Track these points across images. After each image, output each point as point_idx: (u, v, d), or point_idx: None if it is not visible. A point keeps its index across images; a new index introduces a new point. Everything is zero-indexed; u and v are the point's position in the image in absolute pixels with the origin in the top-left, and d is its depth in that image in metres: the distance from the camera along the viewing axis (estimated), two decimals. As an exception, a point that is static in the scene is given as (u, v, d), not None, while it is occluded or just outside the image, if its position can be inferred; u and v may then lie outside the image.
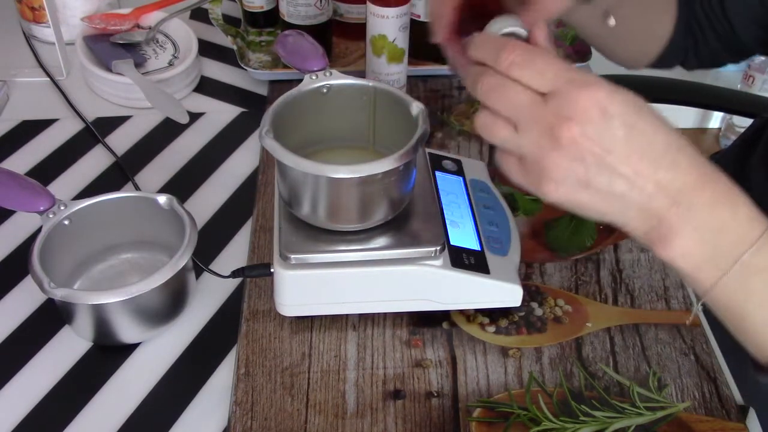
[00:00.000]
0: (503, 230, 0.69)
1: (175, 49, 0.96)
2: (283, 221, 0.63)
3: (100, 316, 0.61)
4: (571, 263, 0.72)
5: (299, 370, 0.63)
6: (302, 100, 0.65)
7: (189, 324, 0.66)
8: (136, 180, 0.80)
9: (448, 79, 0.95)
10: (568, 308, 0.68)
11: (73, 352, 0.64)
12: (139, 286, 0.59)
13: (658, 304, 0.69)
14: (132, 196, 0.67)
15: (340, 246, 0.61)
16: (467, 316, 0.67)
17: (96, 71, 0.89)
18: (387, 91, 0.65)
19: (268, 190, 0.79)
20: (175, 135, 0.86)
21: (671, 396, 0.62)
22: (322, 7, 0.91)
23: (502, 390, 0.62)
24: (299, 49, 0.70)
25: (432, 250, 0.62)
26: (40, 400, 0.61)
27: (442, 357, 0.64)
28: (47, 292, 0.58)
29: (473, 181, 0.74)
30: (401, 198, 0.63)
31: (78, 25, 0.95)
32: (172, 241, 0.64)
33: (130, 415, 0.60)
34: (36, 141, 0.85)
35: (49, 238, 0.62)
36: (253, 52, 0.98)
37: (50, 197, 0.63)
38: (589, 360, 0.64)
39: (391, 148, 0.59)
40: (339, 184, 0.59)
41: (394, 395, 0.61)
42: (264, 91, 0.93)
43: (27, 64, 0.96)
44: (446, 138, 0.87)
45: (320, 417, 0.59)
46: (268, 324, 0.66)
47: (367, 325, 0.66)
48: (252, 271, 0.66)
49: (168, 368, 0.63)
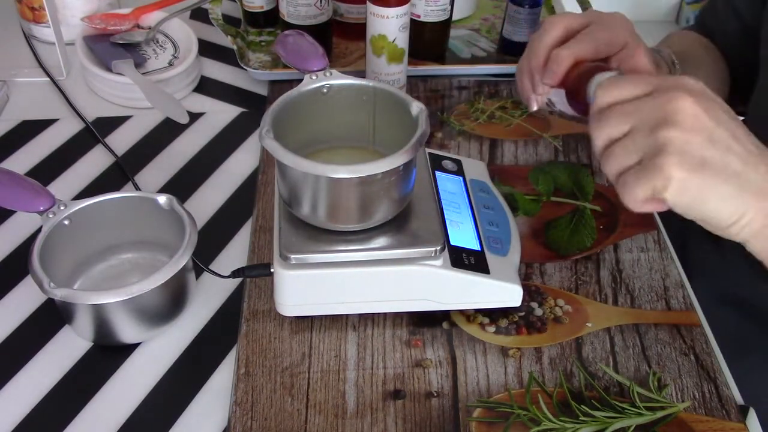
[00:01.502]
0: (503, 230, 0.69)
1: (175, 49, 0.96)
2: (283, 221, 0.63)
3: (100, 316, 0.61)
4: (571, 263, 0.72)
5: (299, 370, 0.63)
6: (302, 100, 0.65)
7: (189, 324, 0.66)
8: (136, 180, 0.80)
9: (448, 79, 0.95)
10: (568, 308, 0.68)
11: (73, 352, 0.64)
12: (139, 286, 0.59)
13: (658, 304, 0.69)
14: (132, 196, 0.67)
15: (340, 246, 0.61)
16: (467, 316, 0.67)
17: (96, 71, 0.89)
18: (387, 91, 0.65)
19: (268, 190, 0.79)
20: (175, 135, 0.86)
21: (671, 396, 0.62)
22: (322, 7, 0.92)
23: (502, 390, 0.62)
24: (299, 49, 0.70)
25: (432, 250, 0.62)
26: (40, 400, 0.61)
27: (442, 357, 0.64)
28: (47, 292, 0.58)
29: (473, 181, 0.74)
30: (401, 198, 0.63)
31: (78, 25, 0.95)
32: (172, 241, 0.64)
33: (130, 415, 0.60)
34: (36, 141, 0.85)
35: (49, 238, 0.62)
36: (253, 52, 0.98)
37: (50, 197, 0.63)
38: (589, 360, 0.64)
39: (391, 148, 0.59)
40: (339, 184, 0.59)
41: (394, 395, 0.61)
42: (264, 91, 0.93)
43: (27, 64, 0.96)
44: (446, 138, 0.87)
45: (320, 417, 0.59)
46: (268, 324, 0.66)
47: (367, 325, 0.66)
48: (252, 271, 0.66)
49: (168, 368, 0.63)
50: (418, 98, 0.64)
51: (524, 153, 0.85)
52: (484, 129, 0.88)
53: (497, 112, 0.91)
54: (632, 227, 0.76)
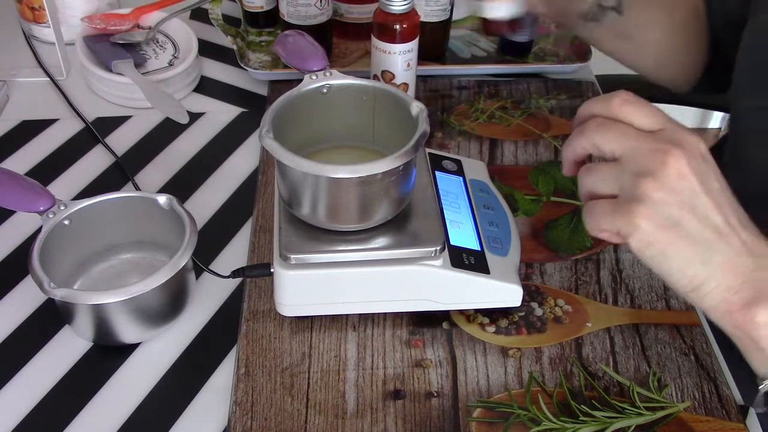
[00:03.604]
0: (503, 230, 0.69)
1: (175, 49, 0.96)
2: (283, 221, 0.63)
3: (100, 316, 0.61)
4: (571, 263, 0.72)
5: (299, 370, 0.63)
6: (302, 100, 0.65)
7: (189, 324, 0.66)
8: (136, 180, 0.80)
9: (448, 79, 0.95)
10: (568, 308, 0.68)
11: (73, 352, 0.64)
12: (139, 286, 0.59)
13: (658, 304, 0.69)
14: (132, 196, 0.67)
15: (340, 246, 0.61)
16: (467, 316, 0.67)
17: (96, 71, 0.89)
18: (387, 91, 0.65)
19: (268, 190, 0.79)
20: (175, 135, 0.86)
21: (671, 396, 0.62)
22: (322, 7, 0.91)
23: (502, 390, 0.62)
24: (299, 49, 0.70)
25: (432, 250, 0.62)
26: (40, 400, 0.61)
27: (442, 357, 0.64)
28: (47, 292, 0.58)
29: (473, 181, 0.74)
30: (401, 198, 0.62)
31: (78, 25, 0.95)
32: (172, 241, 0.64)
33: (130, 415, 0.60)
34: (36, 141, 0.85)
35: (49, 238, 0.62)
36: (253, 52, 0.98)
37: (50, 197, 0.63)
38: (589, 360, 0.64)
39: (391, 148, 0.59)
40: (339, 184, 0.59)
41: (394, 395, 0.61)
42: (264, 91, 0.93)
43: (27, 64, 0.96)
44: (446, 138, 0.87)
45: (320, 417, 0.59)
46: (268, 324, 0.66)
47: (367, 325, 0.66)
48: (252, 271, 0.66)
49: (168, 368, 0.63)
50: (418, 98, 0.64)
51: (524, 153, 0.85)
52: (484, 129, 0.88)
53: (497, 112, 0.91)
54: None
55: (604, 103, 0.49)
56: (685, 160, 0.46)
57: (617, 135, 0.48)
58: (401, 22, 0.78)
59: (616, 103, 0.49)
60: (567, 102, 0.92)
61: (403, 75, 0.82)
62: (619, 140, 0.48)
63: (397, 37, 0.79)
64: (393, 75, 0.81)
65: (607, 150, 0.48)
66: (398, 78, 0.82)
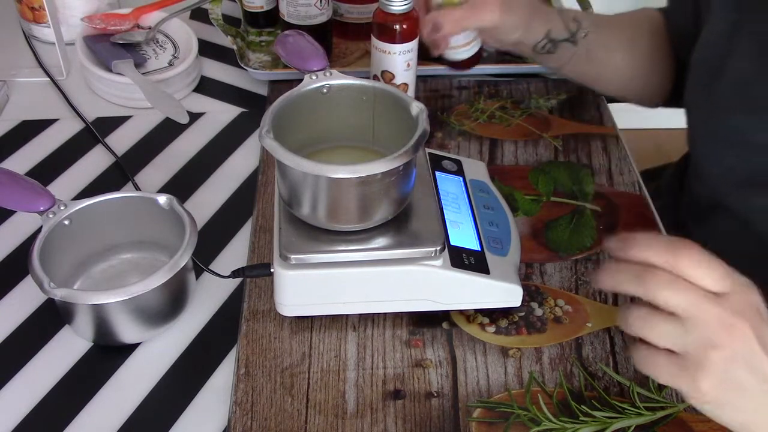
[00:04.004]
0: (503, 230, 0.69)
1: (175, 49, 0.96)
2: (283, 221, 0.63)
3: (100, 316, 0.61)
4: (571, 263, 0.72)
5: (299, 370, 0.63)
6: (302, 100, 0.65)
7: (189, 324, 0.66)
8: (136, 180, 0.80)
9: (448, 79, 0.95)
10: (568, 308, 0.68)
11: (73, 352, 0.64)
12: (139, 286, 0.59)
13: (658, 304, 0.69)
14: (132, 196, 0.67)
15: (340, 246, 0.61)
16: (467, 316, 0.67)
17: (96, 71, 0.89)
18: (387, 91, 0.65)
19: (268, 190, 0.79)
20: (175, 135, 0.86)
21: (671, 396, 0.62)
22: (322, 7, 0.91)
23: (502, 390, 0.62)
24: (299, 49, 0.70)
25: (432, 250, 0.62)
26: (40, 400, 0.61)
27: (442, 357, 0.64)
28: (47, 292, 0.58)
29: (473, 181, 0.74)
30: (401, 198, 0.63)
31: (78, 25, 0.95)
32: (172, 241, 0.64)
33: (130, 415, 0.60)
34: (36, 141, 0.85)
35: (49, 238, 0.62)
36: (253, 52, 0.98)
37: (50, 197, 0.63)
38: (589, 360, 0.64)
39: (391, 148, 0.59)
40: (339, 184, 0.59)
41: (394, 395, 0.61)
42: (264, 91, 0.93)
43: (27, 64, 0.96)
44: (446, 138, 0.87)
45: (320, 417, 0.59)
46: (268, 324, 0.66)
47: (367, 325, 0.66)
48: (252, 271, 0.66)
49: (168, 368, 0.63)
50: (418, 98, 0.64)
51: (524, 153, 0.85)
52: (484, 129, 0.88)
53: (497, 112, 0.91)
54: (632, 228, 0.76)
55: (671, 257, 0.47)
56: (752, 332, 0.46)
57: (686, 298, 0.47)
58: (401, 22, 0.78)
59: (685, 264, 0.47)
60: (567, 102, 0.92)
61: (403, 75, 0.82)
62: (687, 302, 0.47)
63: (397, 38, 0.79)
64: (393, 75, 0.81)
65: (670, 307, 0.47)
66: (398, 78, 0.82)
